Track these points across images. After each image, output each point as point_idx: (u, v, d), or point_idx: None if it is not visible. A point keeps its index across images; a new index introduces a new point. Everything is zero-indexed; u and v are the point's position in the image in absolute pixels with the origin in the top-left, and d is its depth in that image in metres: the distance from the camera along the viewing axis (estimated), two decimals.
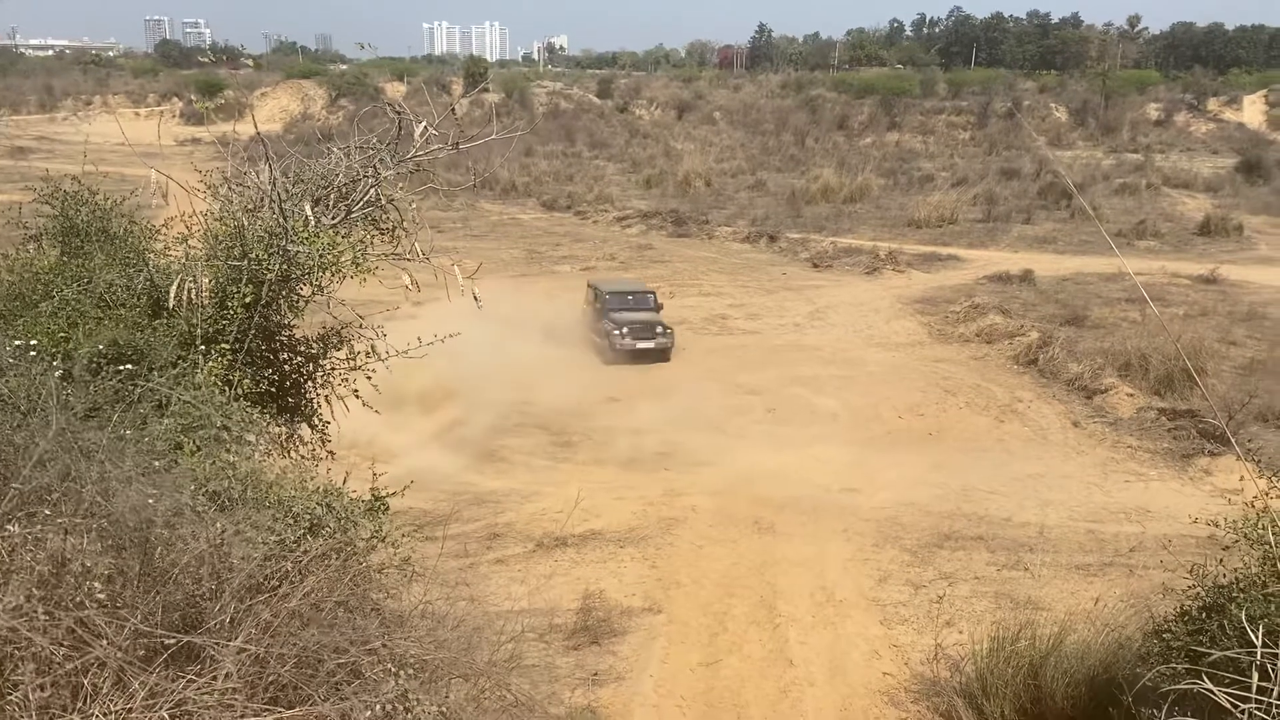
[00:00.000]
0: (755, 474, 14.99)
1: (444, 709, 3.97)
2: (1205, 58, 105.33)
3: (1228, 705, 3.22)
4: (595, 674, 9.55)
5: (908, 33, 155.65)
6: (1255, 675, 3.17)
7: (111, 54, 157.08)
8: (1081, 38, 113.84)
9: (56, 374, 4.52)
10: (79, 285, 6.33)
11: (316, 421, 7.26)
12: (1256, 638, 3.16)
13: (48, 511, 3.66)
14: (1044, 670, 8.37)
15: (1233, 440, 9.56)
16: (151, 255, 6.91)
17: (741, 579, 11.62)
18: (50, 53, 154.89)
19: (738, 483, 14.61)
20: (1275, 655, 3.19)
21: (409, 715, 3.64)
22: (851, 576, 11.72)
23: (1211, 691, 3.18)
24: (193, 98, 69.25)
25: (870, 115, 69.04)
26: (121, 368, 5.17)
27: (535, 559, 12.00)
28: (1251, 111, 72.34)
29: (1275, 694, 3.16)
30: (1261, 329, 22.71)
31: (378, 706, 3.55)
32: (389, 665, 3.81)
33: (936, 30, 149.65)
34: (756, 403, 18.61)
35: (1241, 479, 5.17)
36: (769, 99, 78.11)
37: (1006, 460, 15.77)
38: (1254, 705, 3.12)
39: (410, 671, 3.84)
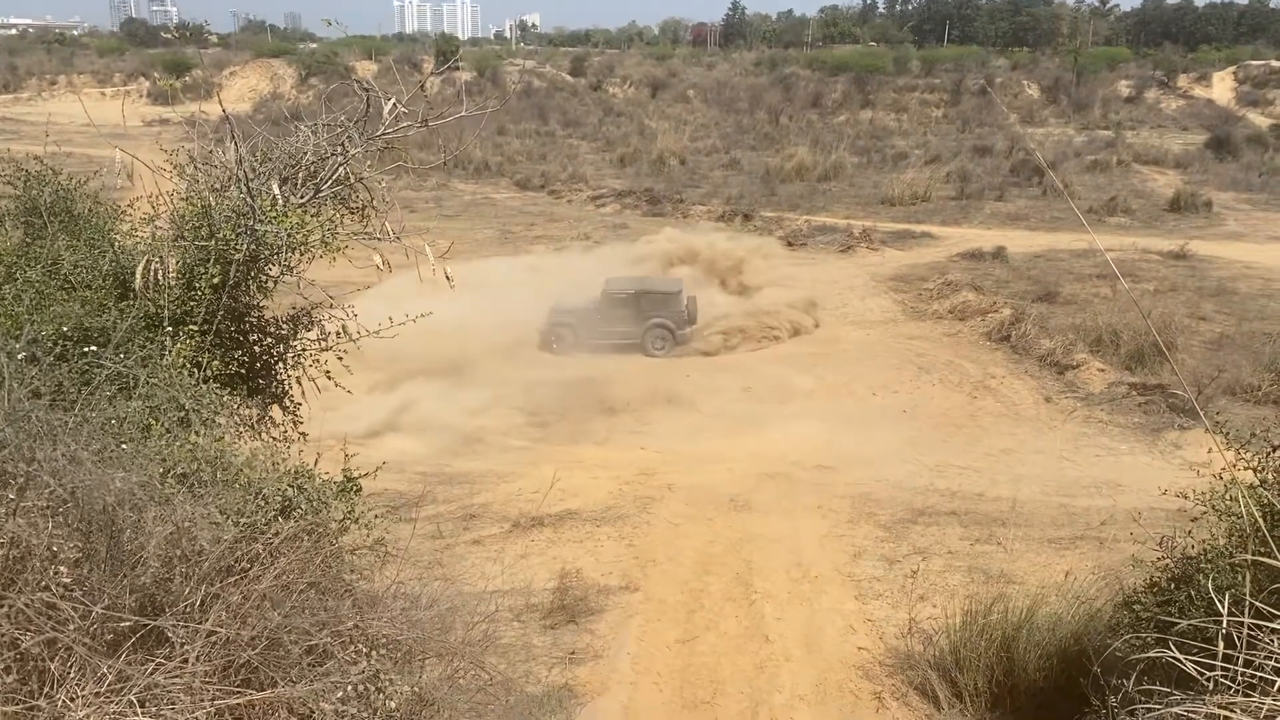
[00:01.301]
0: (731, 452, 15.04)
1: (417, 689, 3.96)
2: (1175, 34, 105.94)
3: (1194, 674, 3.27)
4: (572, 652, 9.57)
5: (881, 10, 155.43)
6: (1221, 644, 3.22)
7: (76, 33, 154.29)
8: (1053, 15, 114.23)
9: (20, 356, 4.45)
10: (43, 267, 6.23)
11: (288, 403, 7.19)
12: (1223, 607, 3.21)
13: (12, 496, 3.61)
14: (1016, 642, 8.47)
15: (1201, 414, 9.64)
16: (117, 236, 6.80)
17: (718, 556, 11.67)
18: (13, 32, 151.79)
19: (714, 461, 14.66)
20: (1241, 624, 3.24)
21: (381, 696, 3.63)
22: (826, 552, 11.79)
23: (1179, 660, 3.23)
24: (158, 77, 68.20)
25: (844, 93, 69.07)
26: (87, 349, 5.10)
27: (511, 539, 12.00)
28: (1221, 88, 72.93)
29: (1240, 662, 3.21)
30: (1230, 304, 22.96)
31: (349, 687, 3.54)
32: (361, 646, 3.79)
33: (909, 7, 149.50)
34: (732, 381, 18.65)
35: (1210, 452, 5.23)
36: (743, 77, 77.94)
37: (979, 436, 15.90)
38: (1219, 673, 3.17)
39: (383, 652, 3.83)
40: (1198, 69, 77.17)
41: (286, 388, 7.15)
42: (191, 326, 6.12)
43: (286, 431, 7.07)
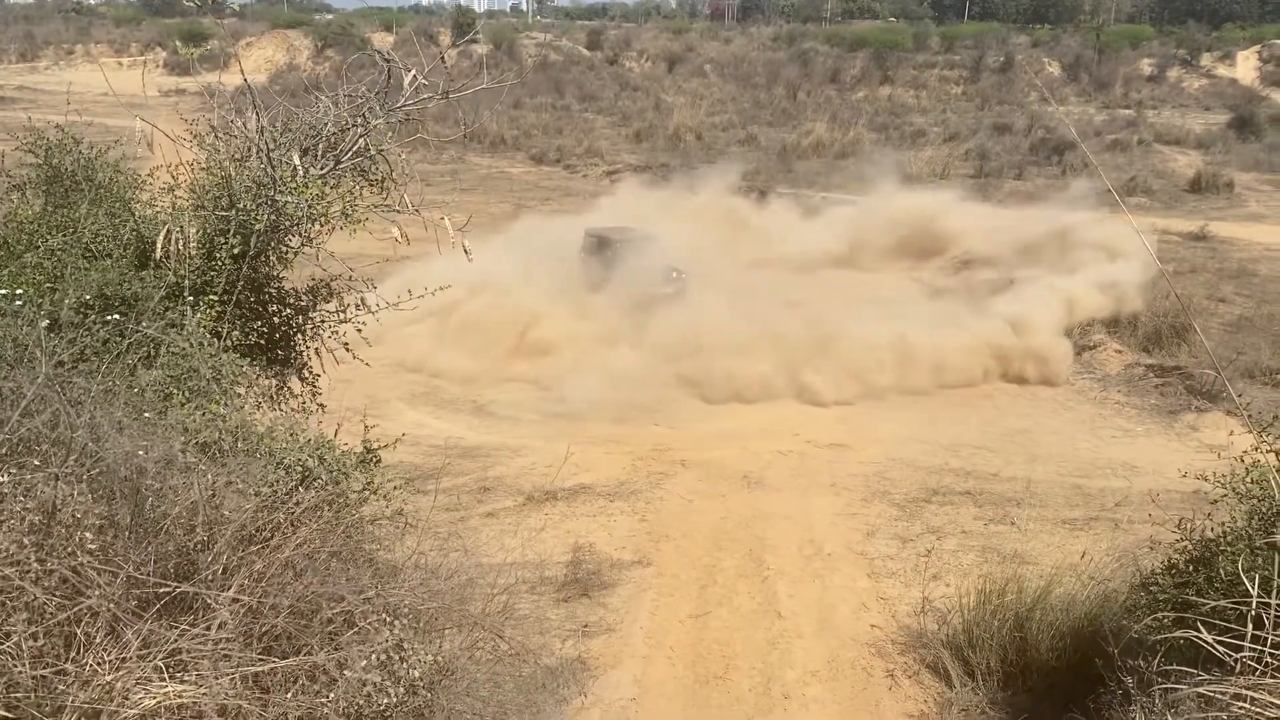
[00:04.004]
0: (745, 429, 15.04)
1: (438, 658, 3.99)
2: (1199, 12, 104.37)
3: (1221, 654, 3.26)
4: (586, 625, 9.63)
5: None
6: (1250, 625, 3.21)
7: (93, 2, 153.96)
8: None
9: (43, 324, 4.47)
10: (64, 235, 6.24)
11: (307, 374, 7.22)
12: (1252, 588, 3.19)
13: (37, 462, 3.63)
14: (1029, 622, 8.47)
15: (1230, 388, 9.58)
16: (137, 205, 6.81)
17: (731, 533, 11.69)
18: (30, 0, 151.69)
19: (727, 437, 14.66)
20: (1267, 604, 3.23)
21: (405, 665, 3.66)
22: (840, 530, 11.81)
23: (1207, 642, 3.22)
24: (178, 44, 67.97)
25: (862, 69, 68.40)
26: (109, 317, 5.12)
27: (526, 512, 12.05)
28: (1244, 67, 71.90)
29: (1269, 643, 3.20)
30: (1250, 286, 22.77)
31: (373, 656, 3.57)
32: (384, 615, 3.82)
33: None
34: None
35: (1231, 433, 5.20)
36: (760, 52, 77.25)
37: (995, 416, 15.85)
38: (1247, 654, 3.16)
39: (405, 621, 3.86)
40: (1221, 48, 76.03)
41: (305, 359, 7.19)
42: (212, 296, 6.14)
43: (305, 402, 7.11)
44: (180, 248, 6.13)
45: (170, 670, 3.21)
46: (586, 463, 13.40)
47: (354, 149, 6.86)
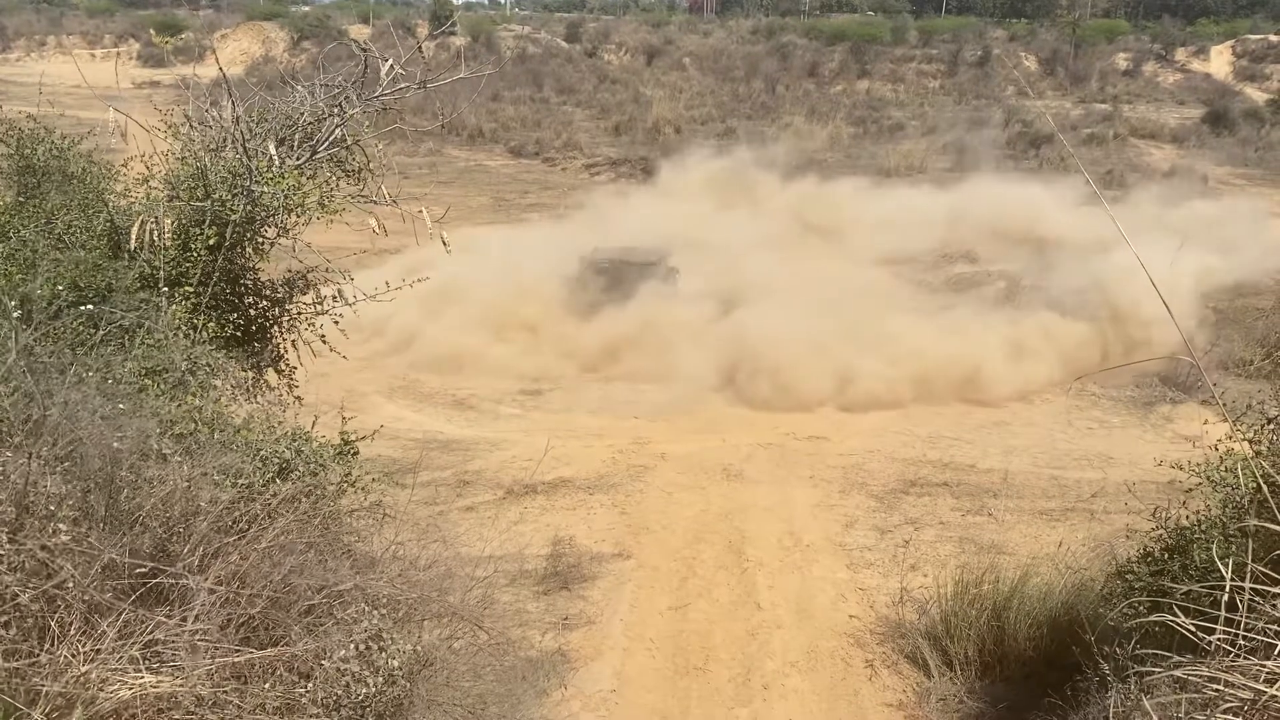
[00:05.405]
0: (724, 422, 15.05)
1: (417, 648, 3.98)
2: (1174, 7, 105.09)
3: (1195, 638, 3.31)
4: (565, 618, 9.63)
5: None
6: (1223, 609, 3.26)
7: None
8: None
9: (15, 315, 4.42)
10: (36, 226, 6.18)
11: (283, 366, 7.19)
12: (1226, 572, 3.24)
13: (9, 454, 3.59)
14: (1007, 612, 8.53)
15: (1205, 379, 9.65)
16: (111, 196, 6.75)
17: (710, 525, 11.72)
18: None
19: (707, 430, 14.67)
20: (1240, 589, 3.28)
21: (384, 654, 3.64)
22: (819, 522, 11.85)
23: (1182, 626, 3.27)
24: (153, 33, 67.24)
25: (841, 62, 68.46)
26: (83, 308, 5.06)
27: (505, 505, 12.02)
28: (1219, 62, 72.50)
29: (1242, 625, 3.26)
30: None
31: (351, 645, 3.56)
32: (362, 605, 3.80)
33: None
34: None
35: (1206, 423, 5.25)
36: (739, 45, 77.14)
37: (972, 408, 15.92)
38: (1220, 638, 3.21)
39: (384, 611, 3.84)
40: (1196, 43, 76.54)
41: (282, 351, 7.15)
42: (187, 288, 6.10)
43: (281, 395, 7.07)
44: (155, 239, 6.08)
45: (147, 661, 3.18)
46: (566, 456, 13.38)
47: (330, 139, 6.83)
